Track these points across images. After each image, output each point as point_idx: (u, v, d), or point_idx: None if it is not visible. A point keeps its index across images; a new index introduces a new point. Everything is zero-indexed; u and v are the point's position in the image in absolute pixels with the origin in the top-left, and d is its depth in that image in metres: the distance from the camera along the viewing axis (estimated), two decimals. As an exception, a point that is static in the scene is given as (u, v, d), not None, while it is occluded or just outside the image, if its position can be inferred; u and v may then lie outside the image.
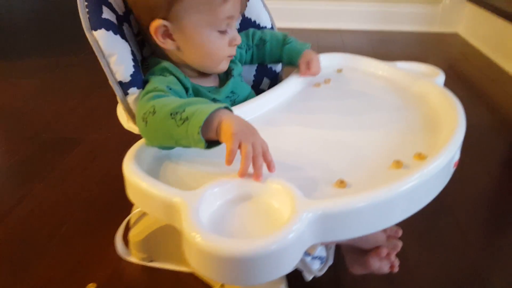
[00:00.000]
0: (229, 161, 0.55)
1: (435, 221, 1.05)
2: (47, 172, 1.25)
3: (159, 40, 0.72)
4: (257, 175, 0.55)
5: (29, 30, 2.83)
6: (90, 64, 0.69)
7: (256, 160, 0.54)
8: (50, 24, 2.92)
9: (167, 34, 0.72)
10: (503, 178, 1.25)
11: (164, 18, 0.70)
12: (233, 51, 0.77)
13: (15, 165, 1.30)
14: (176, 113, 0.58)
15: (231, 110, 0.60)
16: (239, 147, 0.55)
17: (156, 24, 0.70)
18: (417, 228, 1.02)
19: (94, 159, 1.31)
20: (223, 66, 0.79)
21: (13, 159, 1.32)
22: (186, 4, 0.69)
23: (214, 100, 0.78)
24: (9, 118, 1.61)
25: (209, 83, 0.82)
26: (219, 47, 0.74)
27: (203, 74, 0.80)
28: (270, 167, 0.56)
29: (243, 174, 0.55)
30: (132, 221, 0.90)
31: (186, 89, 0.74)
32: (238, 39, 0.76)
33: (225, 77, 0.84)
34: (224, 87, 0.81)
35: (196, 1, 0.69)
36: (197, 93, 0.76)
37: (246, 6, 0.78)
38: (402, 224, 1.00)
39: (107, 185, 1.17)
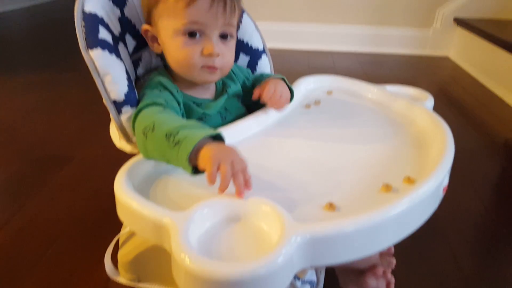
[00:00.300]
0: (211, 182, 0.56)
1: (427, 245, 1.05)
2: (37, 189, 1.24)
3: (149, 43, 0.79)
4: (238, 192, 0.56)
5: (24, 47, 2.84)
6: (84, 81, 0.70)
7: (236, 177, 0.56)
8: (45, 41, 2.94)
9: (154, 39, 0.78)
10: (494, 201, 1.25)
11: (148, 23, 0.77)
12: (209, 61, 0.74)
13: (6, 181, 1.29)
14: (171, 134, 0.60)
15: (222, 138, 0.62)
16: (218, 168, 0.56)
17: (143, 29, 0.77)
18: (408, 253, 1.02)
19: (85, 176, 1.31)
20: (204, 77, 0.77)
21: (4, 176, 1.31)
22: (159, 10, 0.73)
23: (204, 115, 0.79)
24: (1, 134, 1.61)
25: (204, 95, 0.82)
26: (189, 54, 0.73)
27: (196, 85, 0.81)
28: (246, 184, 0.57)
29: (222, 191, 0.56)
30: (121, 241, 0.89)
31: (178, 103, 0.75)
32: (212, 50, 0.73)
33: (221, 91, 0.84)
34: (216, 102, 0.81)
35: (165, 6, 0.72)
36: (188, 108, 0.77)
37: (233, 18, 0.76)
38: (393, 247, 1.01)
39: (97, 203, 1.16)
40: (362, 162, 0.69)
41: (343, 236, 0.50)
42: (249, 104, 0.88)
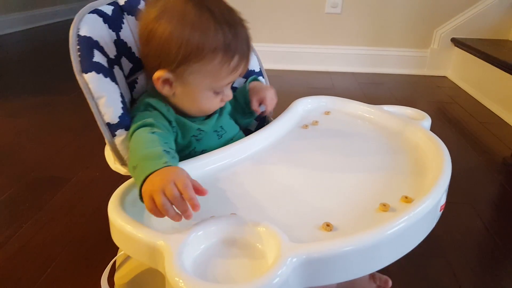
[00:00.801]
0: (157, 216, 0.54)
1: (426, 264, 1.04)
2: (34, 211, 1.23)
3: (158, 86, 0.74)
4: (185, 216, 0.53)
5: (20, 69, 2.87)
6: (81, 103, 0.70)
7: (177, 205, 0.53)
8: (42, 64, 2.96)
9: (168, 82, 0.74)
10: (493, 219, 1.25)
11: (170, 71, 0.72)
12: (222, 104, 0.80)
13: (3, 204, 1.28)
14: (134, 167, 0.60)
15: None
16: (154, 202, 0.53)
17: (160, 74, 0.72)
18: (407, 271, 1.01)
19: (81, 198, 1.30)
20: (208, 113, 0.82)
21: (1, 198, 1.31)
22: (195, 68, 0.71)
23: (199, 131, 0.79)
24: (-1, 156, 1.61)
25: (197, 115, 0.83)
26: (212, 104, 0.78)
27: None
28: (192, 206, 0.52)
29: (175, 219, 0.53)
30: (118, 263, 0.88)
31: (169, 122, 0.75)
32: (230, 96, 0.79)
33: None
34: (209, 119, 0.82)
35: (204, 68, 0.71)
36: (182, 124, 0.77)
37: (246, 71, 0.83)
38: (392, 267, 1.00)
39: (94, 225, 1.16)
40: (360, 182, 0.69)
41: (340, 255, 0.50)
42: (235, 118, 0.91)
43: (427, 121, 0.88)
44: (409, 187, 0.66)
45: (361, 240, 0.51)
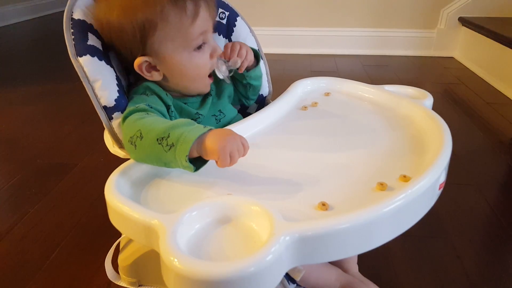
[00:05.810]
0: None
1: (430, 245, 1.04)
2: (40, 197, 1.25)
3: (145, 74, 0.74)
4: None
5: (26, 58, 2.88)
6: (85, 90, 0.71)
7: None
8: (47, 52, 2.98)
9: (151, 67, 0.74)
10: (499, 201, 1.24)
11: (143, 55, 0.72)
12: (214, 63, 0.78)
13: (9, 190, 1.30)
14: (162, 138, 0.59)
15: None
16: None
17: (138, 62, 0.72)
18: (410, 251, 1.01)
19: (86, 184, 1.32)
20: (205, 87, 0.80)
21: (8, 185, 1.33)
22: (158, 37, 0.70)
23: (198, 114, 0.79)
24: (5, 144, 1.63)
25: (194, 97, 0.83)
26: (201, 64, 0.75)
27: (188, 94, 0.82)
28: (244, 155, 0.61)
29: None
30: (121, 245, 0.89)
31: (168, 107, 0.75)
32: (219, 49, 0.77)
33: (205, 95, 0.84)
34: (205, 103, 0.81)
35: (165, 30, 0.70)
36: (180, 109, 0.77)
37: (217, 13, 0.81)
38: (395, 247, 1.00)
39: (98, 209, 1.17)
40: (358, 162, 0.68)
41: (332, 234, 0.50)
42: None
43: (429, 99, 0.87)
44: (408, 166, 0.66)
45: (354, 218, 0.51)
